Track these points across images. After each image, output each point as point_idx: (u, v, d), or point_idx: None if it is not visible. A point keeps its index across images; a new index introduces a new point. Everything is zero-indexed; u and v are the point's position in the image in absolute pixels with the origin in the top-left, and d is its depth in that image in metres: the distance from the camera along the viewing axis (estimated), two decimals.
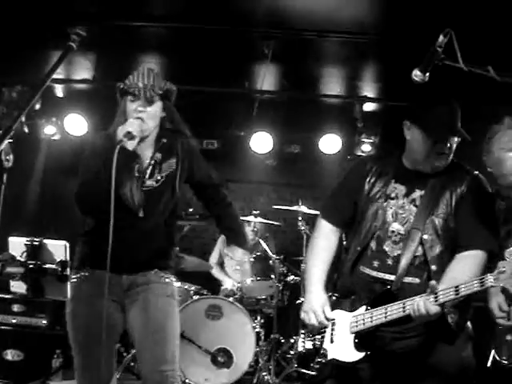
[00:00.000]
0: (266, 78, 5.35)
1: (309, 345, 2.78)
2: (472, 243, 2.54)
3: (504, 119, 2.65)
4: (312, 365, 2.73)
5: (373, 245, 2.68)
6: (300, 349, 2.82)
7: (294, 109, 5.90)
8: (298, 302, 5.33)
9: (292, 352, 5.14)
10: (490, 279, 2.19)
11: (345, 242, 2.92)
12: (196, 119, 3.19)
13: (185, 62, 5.10)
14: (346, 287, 2.73)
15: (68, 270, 2.11)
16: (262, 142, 6.21)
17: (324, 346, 2.68)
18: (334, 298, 2.77)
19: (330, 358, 2.63)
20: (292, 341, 5.22)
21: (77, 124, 6.23)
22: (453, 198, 2.60)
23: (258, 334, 5.05)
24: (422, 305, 2.34)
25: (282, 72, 5.32)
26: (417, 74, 2.20)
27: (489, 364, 2.78)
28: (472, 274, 2.40)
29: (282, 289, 5.29)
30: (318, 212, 5.36)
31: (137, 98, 2.77)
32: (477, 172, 2.69)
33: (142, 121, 2.75)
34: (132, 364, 4.60)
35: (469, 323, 2.66)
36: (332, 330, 2.67)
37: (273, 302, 5.28)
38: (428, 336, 2.55)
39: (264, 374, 4.93)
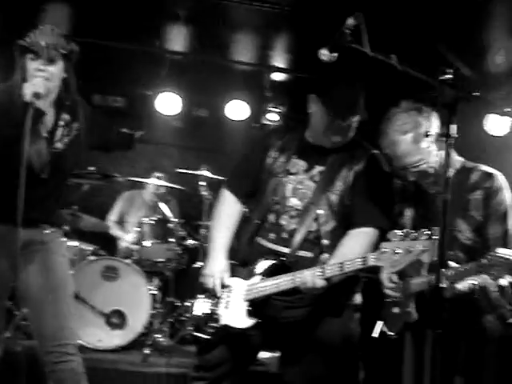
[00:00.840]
0: (178, 39, 5.26)
1: (206, 309, 2.81)
2: (364, 220, 2.64)
3: (401, 103, 2.74)
4: (205, 329, 2.74)
5: (271, 218, 2.74)
6: (197, 312, 2.84)
7: (204, 72, 5.81)
8: (195, 266, 5.37)
9: (187, 315, 5.21)
10: (371, 258, 2.31)
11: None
12: (103, 75, 3.09)
13: (95, 14, 4.89)
14: (244, 256, 2.79)
15: None
16: (169, 104, 6.10)
17: (218, 311, 2.73)
18: (232, 265, 2.82)
19: (222, 323, 2.69)
20: (188, 304, 5.26)
21: None
22: (350, 175, 2.68)
23: (153, 296, 5.06)
24: (309, 278, 2.44)
25: (194, 34, 5.22)
26: (324, 53, 2.23)
27: (376, 335, 2.93)
28: (362, 250, 2.51)
29: (180, 252, 5.29)
30: (221, 178, 5.45)
31: (38, 57, 2.65)
32: (376, 151, 2.77)
33: (46, 80, 2.65)
34: (23, 323, 4.47)
35: (358, 295, 2.80)
36: (228, 296, 2.73)
37: (171, 265, 5.29)
38: (316, 307, 2.67)
39: (158, 336, 4.95)
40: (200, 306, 2.84)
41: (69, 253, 4.08)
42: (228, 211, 2.91)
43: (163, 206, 5.45)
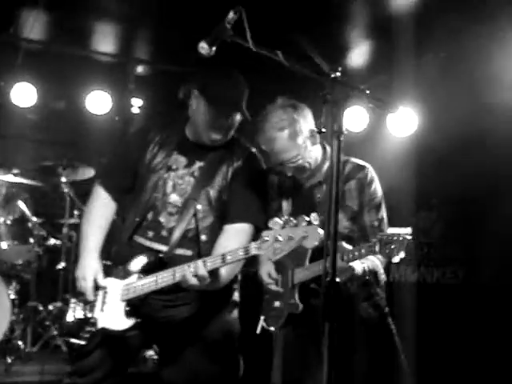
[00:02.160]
0: (35, 26, 4.92)
1: (79, 314, 2.66)
2: (240, 217, 2.64)
3: (277, 99, 2.76)
4: (81, 334, 2.61)
5: (149, 215, 2.67)
6: (70, 318, 2.68)
7: (62, 62, 5.49)
8: (58, 267, 5.12)
9: (50, 319, 4.96)
10: (253, 247, 2.29)
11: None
12: None
13: None
14: (120, 256, 2.70)
15: None
16: (24, 95, 5.70)
17: (94, 314, 2.61)
18: (106, 265, 2.71)
19: (99, 326, 2.57)
20: (51, 307, 5.02)
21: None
22: (229, 171, 2.68)
23: (13, 301, 4.74)
24: (191, 270, 2.37)
25: (53, 22, 4.91)
26: (203, 47, 2.19)
27: (258, 331, 2.94)
28: (238, 245, 2.46)
29: (41, 253, 5.03)
30: (85, 176, 5.23)
31: None
32: (254, 149, 2.80)
33: None
34: None
35: (236, 291, 2.79)
36: (104, 298, 2.62)
37: (31, 267, 5.00)
38: (196, 304, 2.64)
39: (20, 343, 4.68)
40: (73, 311, 2.69)
41: None
42: (101, 210, 2.79)
43: (21, 204, 5.10)
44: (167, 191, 2.66)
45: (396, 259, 2.43)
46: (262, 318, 2.98)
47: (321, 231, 2.13)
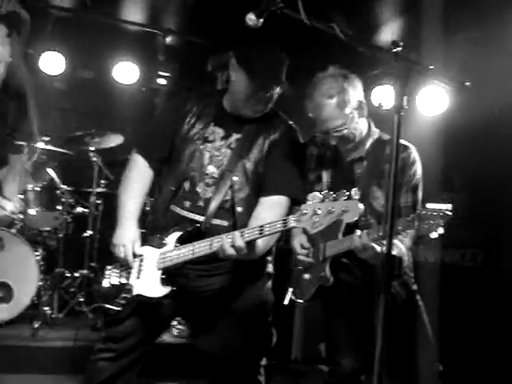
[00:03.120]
0: None
1: (115, 280, 2.69)
2: (277, 189, 2.65)
3: (328, 68, 2.76)
4: (117, 300, 2.64)
5: (186, 185, 2.68)
6: (106, 284, 2.72)
7: (91, 32, 5.49)
8: (84, 234, 5.16)
9: (76, 286, 5.04)
10: (291, 221, 2.29)
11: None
12: None
13: None
14: (156, 224, 2.71)
15: None
16: (52, 63, 5.72)
17: (130, 281, 2.63)
18: (143, 234, 2.72)
19: (135, 293, 2.59)
20: (77, 275, 5.08)
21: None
22: (265, 144, 2.68)
23: (41, 267, 4.78)
24: (229, 241, 2.38)
25: None
26: (251, 18, 2.16)
27: (286, 302, 2.97)
28: (274, 217, 2.47)
29: (69, 221, 5.07)
30: (111, 144, 5.26)
31: None
32: (291, 122, 2.79)
33: None
34: None
35: (270, 264, 2.81)
36: (140, 265, 2.64)
37: (58, 234, 5.04)
38: (230, 275, 2.65)
39: (47, 308, 4.74)
40: (109, 277, 2.72)
41: None
42: (139, 178, 2.79)
43: (50, 172, 5.15)
44: (204, 162, 2.66)
45: (434, 235, 2.42)
46: (291, 289, 3.00)
47: (361, 206, 2.13)
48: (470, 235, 5.06)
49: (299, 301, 2.97)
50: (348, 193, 2.15)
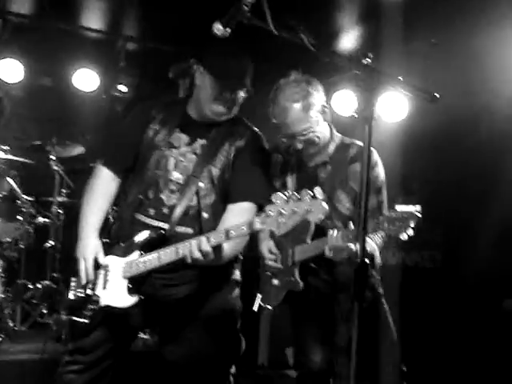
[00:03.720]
0: (23, 0, 4.84)
1: (80, 292, 2.66)
2: (244, 196, 2.65)
3: (291, 73, 2.80)
4: (84, 312, 2.61)
5: (151, 193, 2.67)
6: (71, 296, 2.69)
7: (50, 38, 5.40)
8: (46, 245, 5.08)
9: (39, 297, 4.95)
10: (257, 222, 2.29)
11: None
12: None
13: None
14: (121, 233, 2.69)
15: None
16: (10, 71, 5.60)
17: (96, 292, 2.60)
18: (107, 243, 2.69)
19: (102, 304, 2.57)
20: (39, 286, 4.99)
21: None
22: (231, 150, 2.68)
23: (1, 279, 4.73)
24: (195, 245, 2.37)
25: None
26: (218, 28, 2.17)
27: (255, 308, 2.98)
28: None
29: (30, 231, 4.98)
30: (73, 153, 5.19)
31: None
32: (256, 129, 2.81)
33: None
34: None
35: (237, 270, 2.81)
36: (105, 275, 2.61)
37: (19, 245, 4.96)
38: (197, 282, 2.65)
39: (9, 321, 4.66)
40: (74, 289, 2.68)
41: None
42: (102, 189, 2.77)
43: (10, 181, 5.04)
44: (169, 168, 2.66)
45: (404, 236, 2.46)
46: (259, 295, 3.01)
47: (325, 205, 2.14)
48: (428, 237, 5.16)
49: (268, 307, 2.98)
50: (311, 192, 2.16)
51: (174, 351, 2.70)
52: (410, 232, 2.45)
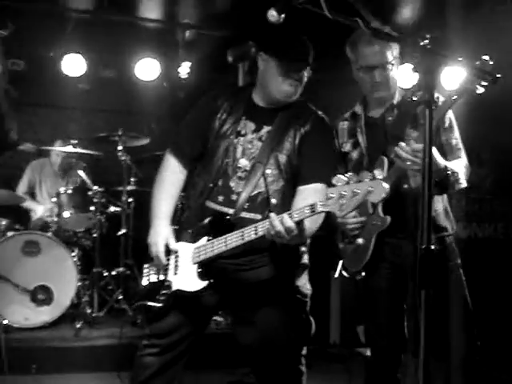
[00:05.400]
0: None
1: (153, 278, 2.75)
2: (314, 177, 2.64)
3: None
4: (157, 297, 2.69)
5: (220, 181, 2.70)
6: (144, 282, 2.77)
7: (110, 31, 5.53)
8: (118, 233, 5.23)
9: (114, 284, 5.12)
10: (319, 205, 2.28)
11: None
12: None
13: None
14: (191, 220, 2.73)
15: None
16: (74, 65, 5.77)
17: (168, 277, 2.66)
18: (177, 230, 2.75)
19: (174, 289, 2.62)
20: (114, 273, 5.16)
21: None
22: (297, 135, 2.69)
23: (78, 267, 4.89)
24: (277, 221, 2.35)
25: None
26: (273, 15, 2.16)
27: (336, 275, 2.99)
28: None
29: (102, 221, 5.14)
30: (140, 143, 5.31)
31: None
32: (320, 112, 2.80)
33: None
34: None
35: (305, 254, 2.82)
36: (176, 261, 2.67)
37: (92, 234, 5.12)
38: (268, 267, 2.66)
39: (87, 308, 4.83)
40: (147, 276, 2.77)
41: None
42: (172, 178, 2.83)
43: (81, 174, 5.23)
44: (237, 156, 2.69)
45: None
46: (341, 262, 3.00)
47: (386, 185, 2.13)
48: (501, 209, 5.03)
49: (351, 271, 2.95)
50: (371, 173, 2.15)
51: (247, 335, 2.73)
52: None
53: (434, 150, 2.58)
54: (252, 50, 5.04)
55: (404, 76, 5.23)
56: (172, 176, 2.83)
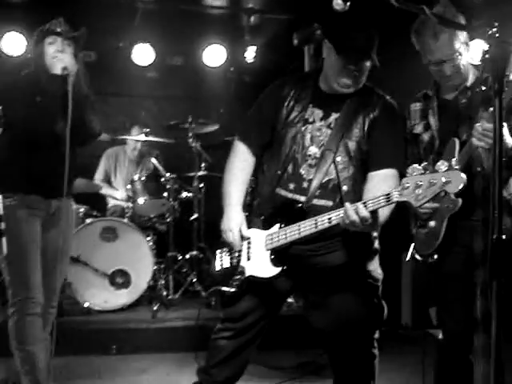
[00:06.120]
0: None
1: (226, 263, 2.82)
2: (386, 163, 2.65)
3: (435, 6, 2.73)
4: (231, 282, 2.77)
5: (290, 168, 2.72)
6: (217, 267, 2.85)
7: (177, 20, 5.62)
8: (191, 218, 5.36)
9: (188, 267, 5.26)
10: (395, 195, 2.28)
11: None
12: (72, 28, 3.03)
13: None
14: (263, 208, 2.78)
15: (3, 224, 2.12)
16: (143, 54, 5.91)
17: (241, 263, 2.73)
18: (249, 217, 2.81)
19: (247, 274, 2.69)
20: (188, 256, 5.30)
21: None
22: (366, 122, 2.68)
23: (154, 252, 5.06)
24: (352, 211, 2.38)
25: None
26: (338, 3, 2.17)
27: (408, 259, 2.98)
28: (386, 189, 2.47)
29: (175, 206, 5.28)
30: (209, 129, 5.39)
31: (55, 41, 3.07)
32: (388, 97, 2.78)
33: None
34: None
35: (376, 239, 2.82)
36: (248, 248, 2.73)
37: (166, 219, 5.27)
38: (340, 252, 2.69)
39: (163, 290, 5.00)
40: (220, 261, 2.84)
41: None
42: (242, 165, 2.87)
43: (154, 161, 5.38)
44: (306, 144, 2.70)
45: None
46: (413, 245, 2.98)
47: (463, 175, 2.10)
48: None
49: (423, 254, 2.92)
50: (447, 163, 2.13)
51: (320, 318, 2.77)
52: None
53: (505, 130, 2.54)
54: (317, 32, 5.01)
55: (475, 52, 5.11)
56: (242, 163, 2.87)
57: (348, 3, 2.17)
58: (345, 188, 2.65)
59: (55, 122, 3.05)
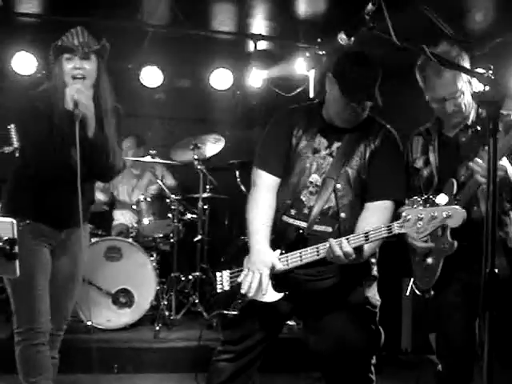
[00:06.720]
0: (157, 12, 5.18)
1: (227, 285, 2.85)
2: (381, 194, 2.71)
3: (441, 43, 2.74)
4: (232, 305, 2.80)
5: (294, 196, 2.78)
6: (219, 290, 2.88)
7: (185, 44, 5.74)
8: (195, 239, 5.41)
9: (190, 288, 5.29)
10: (396, 227, 2.36)
11: None
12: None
13: None
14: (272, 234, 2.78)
15: (16, 247, 2.09)
16: (151, 76, 6.04)
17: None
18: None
19: (249, 298, 2.70)
20: (190, 277, 5.34)
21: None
22: (367, 151, 2.74)
23: (157, 272, 5.10)
24: (336, 247, 2.47)
25: (175, 5, 5.12)
26: (342, 38, 2.23)
27: (407, 293, 2.99)
28: (381, 222, 2.56)
29: (180, 227, 5.34)
30: (214, 151, 5.44)
31: (73, 56, 2.86)
32: (389, 126, 2.84)
33: (83, 79, 2.85)
34: None
35: (374, 265, 2.87)
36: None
37: (170, 240, 5.33)
38: (338, 277, 2.74)
39: (165, 310, 5.01)
40: (221, 283, 2.87)
41: None
42: (267, 195, 2.79)
43: (160, 183, 5.45)
44: (312, 172, 2.76)
45: None
46: (412, 280, 3.02)
47: (463, 211, 2.16)
48: None
49: (422, 289, 2.95)
50: (448, 197, 2.18)
51: (318, 343, 2.83)
52: None
53: (507, 163, 2.58)
54: (323, 60, 5.10)
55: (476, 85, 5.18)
56: (267, 194, 2.81)
57: (352, 38, 2.24)
58: (343, 215, 2.71)
59: (69, 155, 2.87)
